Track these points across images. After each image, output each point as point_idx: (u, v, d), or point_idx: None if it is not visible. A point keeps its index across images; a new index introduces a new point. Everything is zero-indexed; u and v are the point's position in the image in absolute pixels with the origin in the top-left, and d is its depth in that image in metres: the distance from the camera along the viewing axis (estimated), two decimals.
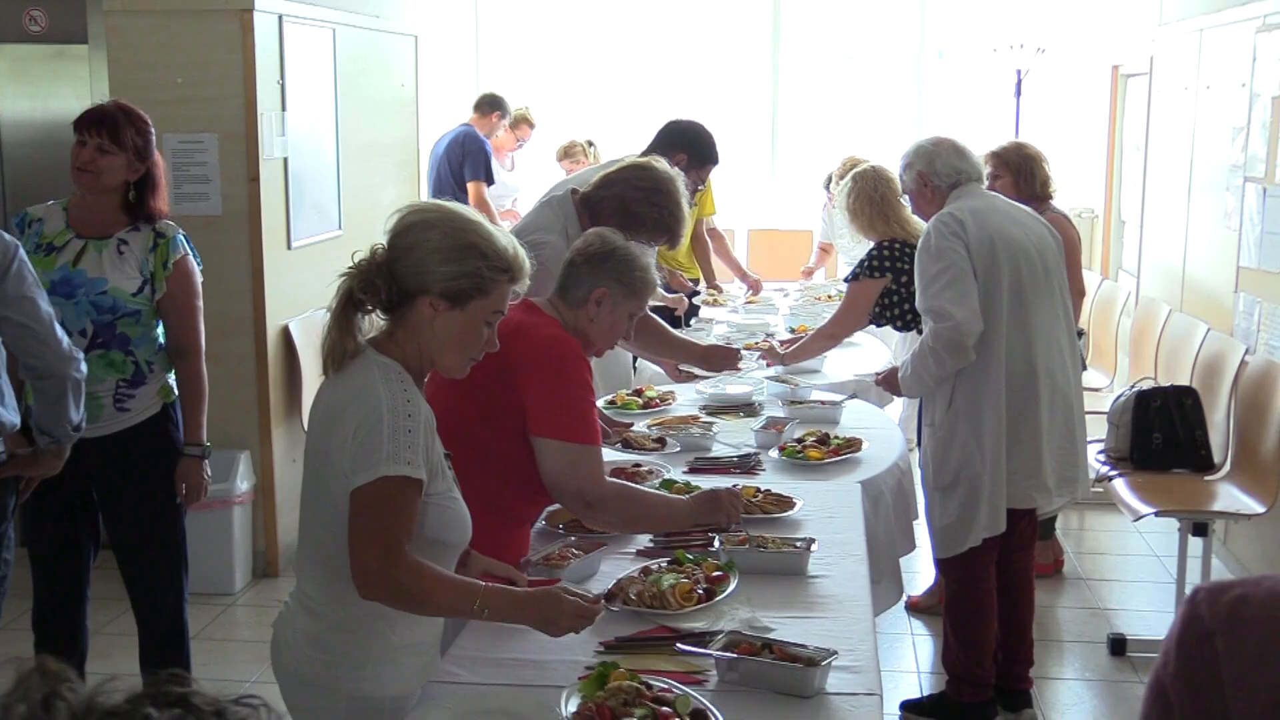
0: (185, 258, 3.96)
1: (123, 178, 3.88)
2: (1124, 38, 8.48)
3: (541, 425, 2.95)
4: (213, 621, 5.28)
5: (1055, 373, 4.15)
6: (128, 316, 3.86)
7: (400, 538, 2.29)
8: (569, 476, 2.95)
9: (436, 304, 2.39)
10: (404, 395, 2.35)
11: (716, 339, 5.92)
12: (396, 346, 2.43)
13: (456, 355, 2.46)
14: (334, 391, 2.41)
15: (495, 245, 2.43)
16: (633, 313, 3.24)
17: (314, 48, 6.06)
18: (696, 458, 4.07)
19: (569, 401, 2.97)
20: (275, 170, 5.67)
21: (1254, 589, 1.22)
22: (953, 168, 4.22)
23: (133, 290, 3.86)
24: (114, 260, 3.86)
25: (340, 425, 2.34)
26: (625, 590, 2.88)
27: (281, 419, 5.77)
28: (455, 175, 8.13)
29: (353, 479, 2.30)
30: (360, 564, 2.29)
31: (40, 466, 3.65)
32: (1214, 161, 6.28)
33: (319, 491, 2.42)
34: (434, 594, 2.35)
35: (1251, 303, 5.60)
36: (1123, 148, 8.53)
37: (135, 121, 3.90)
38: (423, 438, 2.34)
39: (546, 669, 2.55)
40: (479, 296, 2.41)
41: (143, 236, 3.90)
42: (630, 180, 3.85)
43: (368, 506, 2.29)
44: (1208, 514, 4.97)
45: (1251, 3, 5.81)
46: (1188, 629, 1.24)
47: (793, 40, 10.31)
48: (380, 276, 2.38)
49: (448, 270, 2.38)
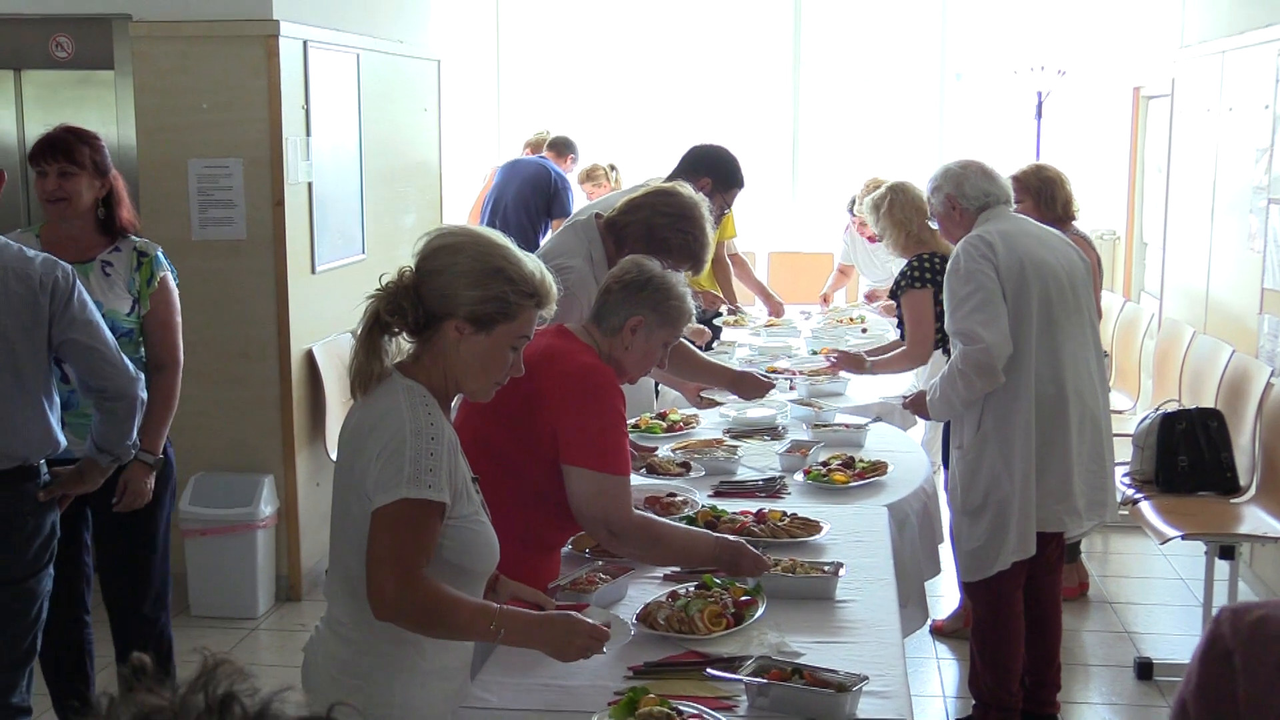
0: (166, 275, 4.03)
1: (91, 196, 3.94)
2: (1145, 60, 8.47)
3: (572, 453, 2.96)
4: (235, 646, 5.29)
5: (1085, 395, 4.14)
6: (123, 337, 3.87)
7: (417, 560, 2.30)
8: (596, 505, 2.96)
9: (462, 327, 2.40)
10: (428, 418, 2.35)
11: (739, 363, 5.92)
12: (423, 370, 2.44)
13: (482, 379, 2.47)
14: (360, 414, 2.42)
15: (522, 270, 2.43)
16: (667, 341, 3.25)
17: (338, 72, 6.10)
18: (722, 481, 4.07)
19: (601, 430, 2.98)
20: (300, 195, 5.70)
21: (1276, 610, 1.26)
22: (981, 190, 4.22)
23: (126, 310, 3.93)
24: (102, 283, 3.91)
25: (365, 448, 2.35)
26: (653, 615, 2.88)
27: (305, 443, 5.79)
28: (537, 209, 8.14)
29: (374, 500, 2.31)
30: (376, 586, 2.29)
31: (86, 483, 3.71)
32: (1237, 183, 6.26)
33: (345, 515, 2.43)
34: (449, 616, 2.35)
35: (1276, 325, 5.57)
36: (1144, 169, 8.51)
37: (87, 140, 3.97)
38: (445, 460, 2.34)
39: (576, 694, 2.55)
40: (505, 321, 2.41)
41: (125, 256, 3.97)
42: (656, 206, 3.86)
43: (386, 528, 2.29)
44: (1234, 537, 4.94)
45: (1274, 25, 5.80)
46: (1210, 648, 1.28)
47: (813, 63, 10.34)
48: (407, 299, 2.39)
49: (474, 294, 2.39)
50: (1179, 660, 5.01)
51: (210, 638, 5.29)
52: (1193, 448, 5.31)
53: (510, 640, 2.42)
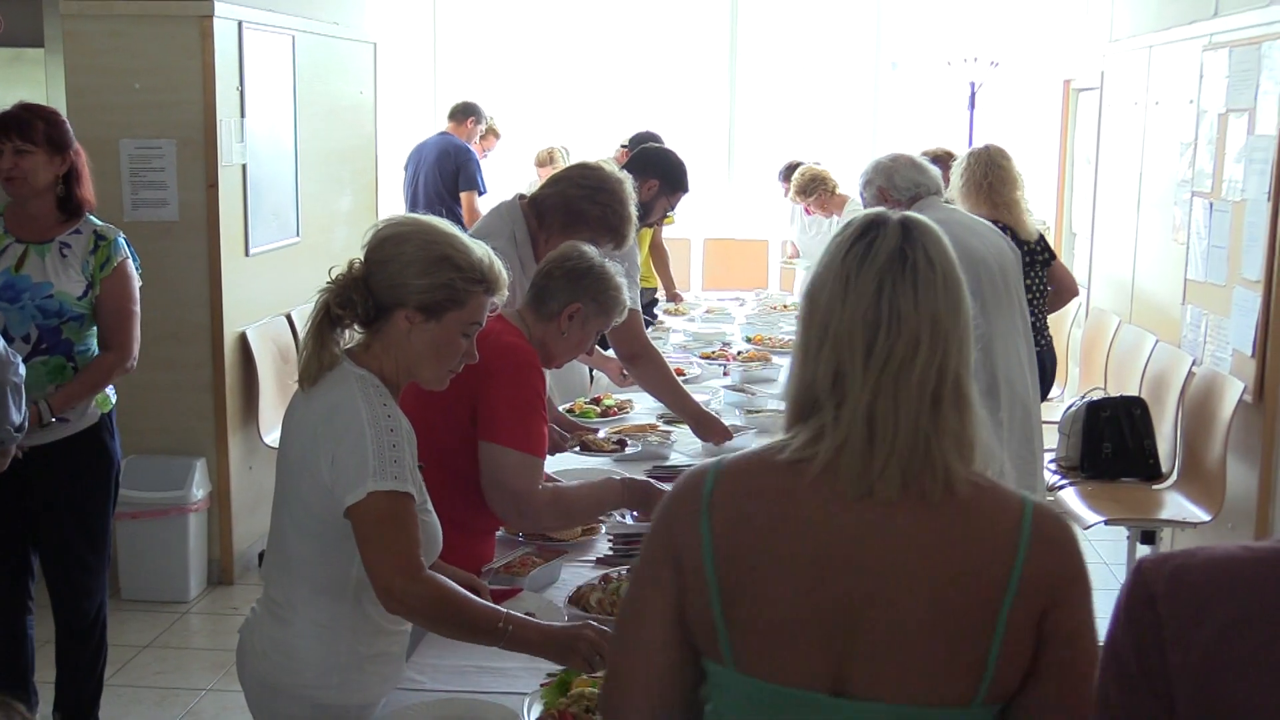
0: (125, 261, 3.96)
1: (50, 175, 3.87)
2: (1076, 53, 8.60)
3: (488, 429, 2.96)
4: (167, 629, 5.26)
5: (1015, 382, 4.22)
6: (73, 321, 3.85)
7: (414, 551, 2.29)
8: (506, 482, 2.95)
9: (412, 317, 2.40)
10: (384, 409, 2.35)
11: (673, 348, 5.97)
12: (374, 358, 2.44)
13: (435, 367, 2.47)
14: (311, 401, 2.41)
15: (470, 257, 2.44)
16: (600, 329, 3.28)
17: (273, 54, 6.06)
18: (654, 466, 4.10)
19: (518, 409, 2.98)
20: (234, 176, 5.66)
21: (1192, 558, 1.36)
22: (911, 181, 4.29)
23: (78, 294, 3.87)
24: (57, 264, 3.86)
25: (321, 436, 2.34)
26: (586, 597, 2.91)
27: (238, 426, 5.76)
28: (447, 185, 8.10)
29: (343, 496, 2.29)
30: (382, 584, 2.28)
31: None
32: (1162, 176, 6.38)
33: (294, 497, 2.42)
34: (460, 613, 2.34)
35: (1198, 315, 5.70)
36: (1074, 161, 8.65)
37: (43, 115, 3.90)
38: (407, 453, 2.34)
39: (509, 676, 2.57)
40: (454, 308, 2.42)
41: (84, 239, 3.91)
42: (574, 179, 3.86)
43: (371, 525, 2.28)
44: (1156, 522, 5.06)
45: (1199, 21, 5.92)
46: (1133, 594, 1.38)
47: (750, 50, 10.38)
48: (357, 291, 2.40)
49: (422, 283, 2.39)
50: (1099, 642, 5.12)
51: (141, 621, 5.26)
52: (1116, 435, 5.42)
53: (513, 642, 2.36)
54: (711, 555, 1.63)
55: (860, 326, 1.61)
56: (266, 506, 2.62)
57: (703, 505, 1.65)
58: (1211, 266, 5.58)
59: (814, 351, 1.64)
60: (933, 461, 1.60)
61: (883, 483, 1.59)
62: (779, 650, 1.60)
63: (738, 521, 1.64)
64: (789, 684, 1.60)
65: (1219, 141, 5.56)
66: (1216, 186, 5.57)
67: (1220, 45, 5.63)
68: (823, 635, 1.58)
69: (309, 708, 2.43)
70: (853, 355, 1.61)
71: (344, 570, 2.39)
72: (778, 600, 1.60)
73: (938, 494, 1.60)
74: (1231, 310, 5.30)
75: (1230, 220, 5.38)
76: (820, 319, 1.64)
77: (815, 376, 1.64)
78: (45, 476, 3.90)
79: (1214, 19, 5.75)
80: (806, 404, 1.65)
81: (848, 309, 1.61)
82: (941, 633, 1.56)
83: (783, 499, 1.63)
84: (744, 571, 1.62)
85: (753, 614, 1.61)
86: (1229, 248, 5.38)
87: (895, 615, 1.57)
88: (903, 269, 1.62)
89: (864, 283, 1.62)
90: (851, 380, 1.61)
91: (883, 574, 1.58)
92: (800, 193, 7.80)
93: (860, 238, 1.65)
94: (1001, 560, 1.57)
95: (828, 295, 1.64)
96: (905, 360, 1.60)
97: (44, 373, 3.83)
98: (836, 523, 1.60)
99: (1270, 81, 5.05)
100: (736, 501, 1.65)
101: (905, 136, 8.81)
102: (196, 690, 4.70)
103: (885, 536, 1.59)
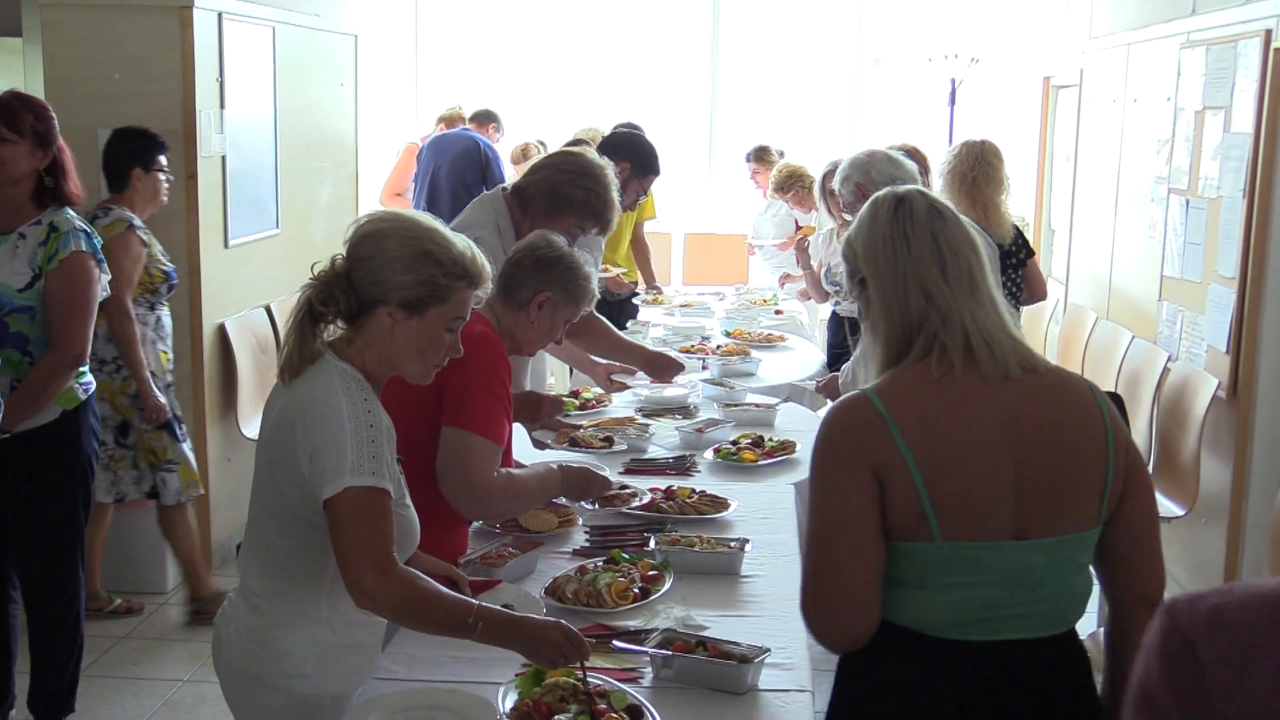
0: (77, 254, 3.82)
1: (29, 166, 3.83)
2: (1055, 50, 8.64)
3: (452, 415, 2.96)
4: (145, 620, 5.25)
5: None
6: (18, 313, 3.78)
7: (387, 547, 2.28)
8: (465, 466, 2.93)
9: (394, 313, 2.40)
10: (364, 405, 2.35)
11: (653, 342, 5.98)
12: (356, 353, 2.44)
13: (419, 363, 2.48)
14: (292, 393, 2.41)
15: (451, 251, 2.44)
16: (569, 319, 3.29)
17: (253, 46, 6.04)
18: (632, 459, 4.12)
19: (482, 396, 2.98)
20: (213, 168, 5.65)
21: (1228, 596, 1.28)
22: (888, 176, 4.30)
23: (19, 285, 3.78)
24: (8, 254, 3.79)
25: (300, 429, 2.34)
26: (562, 589, 2.93)
27: (217, 418, 5.75)
28: (472, 182, 8.06)
29: (320, 489, 2.29)
30: (353, 579, 2.27)
31: None
32: (1140, 173, 6.42)
33: (272, 488, 2.42)
34: (429, 609, 2.33)
35: (1174, 311, 5.73)
36: (1053, 157, 8.69)
37: (33, 108, 3.86)
38: (386, 449, 2.34)
39: (484, 666, 2.58)
40: (437, 304, 2.42)
41: (39, 230, 3.82)
42: (557, 165, 3.87)
43: (347, 519, 2.28)
44: None
45: (1176, 19, 5.96)
46: (1168, 639, 1.29)
47: (732, 45, 10.40)
48: (340, 288, 2.40)
49: (404, 279, 2.39)
50: None
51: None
52: None
53: (486, 635, 2.35)
54: (912, 457, 2.00)
55: (931, 260, 2.10)
56: (244, 498, 2.62)
57: (888, 422, 2.03)
58: (1187, 263, 5.62)
59: (899, 291, 2.10)
60: (1025, 346, 2.12)
61: (1012, 366, 2.07)
62: (975, 514, 2.01)
63: (920, 424, 2.03)
64: (985, 538, 2.02)
65: (1196, 139, 5.60)
66: (1193, 184, 5.61)
67: (1198, 43, 5.66)
68: (1005, 494, 2.02)
69: (285, 697, 2.44)
70: (935, 281, 2.09)
71: (320, 561, 2.39)
72: (969, 474, 2.01)
73: (1041, 369, 2.11)
74: (1207, 306, 5.33)
75: (1206, 217, 5.41)
76: (890, 269, 2.12)
77: (907, 308, 2.09)
78: (7, 471, 3.86)
79: (1191, 17, 5.79)
80: (907, 331, 2.09)
81: (914, 251, 2.11)
82: (1082, 474, 2.05)
83: (947, 396, 2.05)
84: (940, 462, 2.01)
85: (951, 492, 2.01)
86: (1205, 244, 5.42)
87: (1049, 465, 2.03)
88: (941, 217, 2.15)
89: (920, 231, 2.12)
90: (942, 297, 2.08)
91: (1037, 435, 2.03)
92: (778, 189, 7.84)
93: (899, 206, 2.15)
94: (1096, 412, 2.10)
95: (891, 249, 2.12)
96: (973, 276, 2.11)
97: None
98: (994, 403, 2.05)
99: (1246, 79, 5.09)
100: (912, 411, 2.04)
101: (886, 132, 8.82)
102: (174, 681, 4.70)
103: (1029, 406, 2.05)
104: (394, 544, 2.32)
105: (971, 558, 2.02)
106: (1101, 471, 2.07)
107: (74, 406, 3.92)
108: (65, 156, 3.93)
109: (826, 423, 2.11)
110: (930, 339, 2.08)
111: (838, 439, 2.07)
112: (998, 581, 2.03)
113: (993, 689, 2.05)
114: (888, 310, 2.11)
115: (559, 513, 3.47)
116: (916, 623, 2.07)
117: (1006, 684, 2.06)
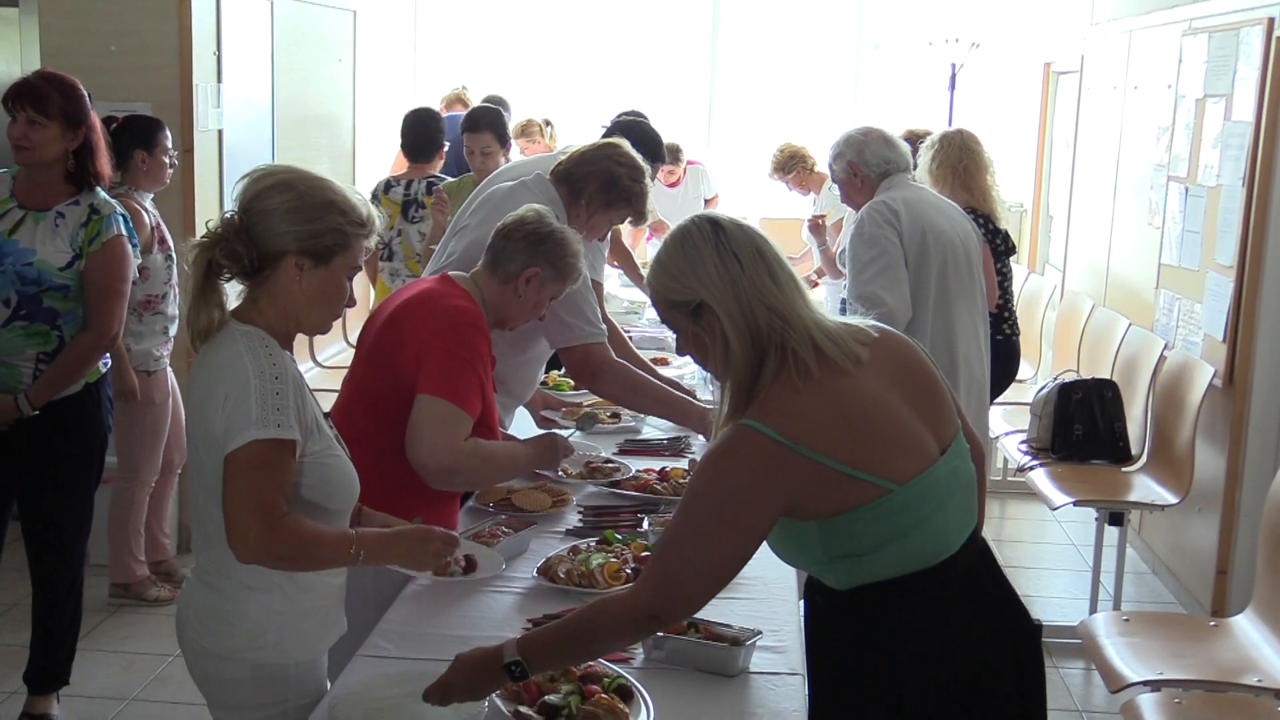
0: (118, 238, 3.92)
1: (60, 148, 3.86)
2: (1056, 36, 8.61)
3: (424, 382, 2.94)
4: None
5: (973, 363, 4.24)
6: (54, 290, 3.84)
7: (276, 500, 2.29)
8: (430, 429, 2.91)
9: (302, 263, 2.40)
10: (269, 359, 2.35)
11: (648, 323, 5.98)
12: (260, 313, 2.43)
13: (323, 311, 2.48)
14: (204, 366, 2.41)
15: (350, 201, 2.45)
16: (554, 296, 3.28)
17: (252, 20, 6.01)
18: (627, 440, 4.12)
19: (452, 362, 2.97)
20: (209, 142, 5.63)
21: None
22: (882, 157, 4.30)
23: (60, 264, 3.84)
24: (48, 233, 3.84)
25: (212, 398, 2.35)
26: (554, 569, 2.92)
27: None
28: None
29: (226, 446, 2.30)
30: (238, 532, 2.27)
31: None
32: (1139, 160, 6.41)
33: (201, 467, 2.42)
34: (313, 551, 2.37)
35: (1171, 299, 5.73)
36: (1053, 144, 8.66)
37: (62, 89, 3.86)
38: (292, 399, 2.34)
39: (474, 644, 2.57)
40: (341, 252, 2.43)
41: (79, 211, 3.88)
42: (614, 157, 3.87)
43: (240, 472, 2.28)
44: (1124, 504, 5.09)
45: (1179, 6, 5.94)
46: None
47: (731, 29, 10.36)
48: (240, 242, 2.38)
49: (309, 228, 2.39)
50: (1068, 623, 5.16)
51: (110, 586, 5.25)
52: (1088, 417, 5.45)
53: (369, 560, 2.44)
54: (828, 456, 2.07)
55: (763, 272, 2.18)
56: None
57: (788, 446, 2.07)
58: (1185, 251, 5.61)
59: (744, 308, 2.15)
60: (851, 325, 2.24)
61: (856, 348, 2.17)
62: (910, 453, 2.15)
63: (817, 429, 2.08)
64: (928, 465, 2.16)
65: (1196, 126, 5.58)
66: (1193, 171, 5.59)
67: (1199, 31, 5.64)
68: (918, 426, 2.17)
69: (248, 668, 2.44)
70: (771, 291, 2.16)
71: None
72: (885, 430, 2.14)
73: (872, 333, 2.24)
74: (1204, 295, 5.33)
75: (1205, 205, 5.40)
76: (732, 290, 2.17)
77: (755, 323, 2.14)
78: (28, 441, 3.91)
79: (1194, 4, 5.77)
80: (759, 347, 2.14)
81: (746, 267, 2.17)
82: (939, 386, 2.28)
83: (822, 394, 2.11)
84: (856, 440, 2.10)
85: (881, 452, 2.12)
86: (1203, 232, 5.41)
87: (923, 386, 2.24)
88: (750, 231, 2.22)
89: (742, 248, 2.19)
90: (781, 305, 2.16)
91: (905, 372, 2.22)
92: (779, 169, 7.78)
93: (715, 229, 2.20)
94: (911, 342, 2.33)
95: (726, 270, 2.17)
96: (795, 279, 2.21)
97: (23, 337, 3.83)
98: (863, 375, 2.15)
99: (1248, 67, 5.07)
100: (801, 422, 2.09)
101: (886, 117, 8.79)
102: (164, 656, 4.69)
103: (886, 361, 2.20)
104: (284, 496, 2.32)
105: (929, 486, 2.15)
106: (941, 379, 2.30)
107: (95, 379, 4.01)
108: (96, 136, 3.94)
109: (724, 468, 2.12)
110: (781, 349, 2.13)
111: (744, 482, 2.11)
112: (949, 492, 2.19)
113: (977, 586, 2.29)
114: (738, 329, 2.15)
115: (552, 492, 3.47)
116: (909, 566, 2.18)
117: (984, 575, 2.33)
